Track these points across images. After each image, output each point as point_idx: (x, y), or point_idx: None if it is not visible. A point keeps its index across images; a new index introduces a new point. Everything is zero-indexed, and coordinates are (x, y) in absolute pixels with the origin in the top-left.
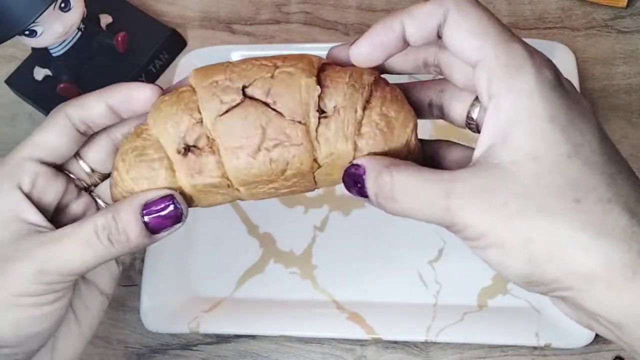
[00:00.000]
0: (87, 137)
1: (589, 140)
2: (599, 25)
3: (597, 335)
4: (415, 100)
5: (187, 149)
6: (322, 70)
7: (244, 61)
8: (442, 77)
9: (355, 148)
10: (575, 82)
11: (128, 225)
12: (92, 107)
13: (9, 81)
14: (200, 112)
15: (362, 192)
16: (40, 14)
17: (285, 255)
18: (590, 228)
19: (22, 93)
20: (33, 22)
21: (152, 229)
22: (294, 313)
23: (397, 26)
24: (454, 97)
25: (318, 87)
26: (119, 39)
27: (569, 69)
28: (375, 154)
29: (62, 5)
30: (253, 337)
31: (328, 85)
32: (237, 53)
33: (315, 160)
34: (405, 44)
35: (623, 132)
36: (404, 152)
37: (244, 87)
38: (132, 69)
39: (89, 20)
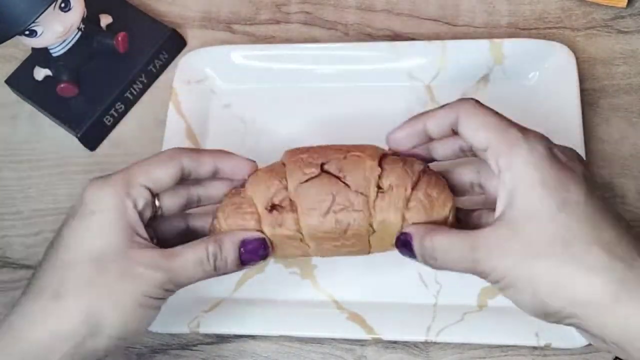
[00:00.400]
0: (179, 182)
1: (576, 196)
2: (599, 25)
3: None
4: (457, 182)
5: (273, 207)
6: (382, 157)
7: (323, 146)
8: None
9: (403, 218)
10: (575, 82)
11: (229, 254)
12: (205, 164)
13: (9, 81)
14: (287, 180)
15: (412, 254)
16: (40, 14)
17: None
18: (577, 264)
19: (22, 93)
20: (33, 22)
21: (243, 261)
22: (294, 313)
23: (420, 124)
24: (489, 175)
25: (379, 168)
26: (119, 39)
27: (569, 69)
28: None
29: (62, 5)
30: (253, 337)
31: (386, 168)
32: (237, 53)
33: (370, 225)
34: (428, 136)
35: (623, 132)
36: (443, 224)
37: (322, 164)
38: (132, 69)
39: (89, 20)
